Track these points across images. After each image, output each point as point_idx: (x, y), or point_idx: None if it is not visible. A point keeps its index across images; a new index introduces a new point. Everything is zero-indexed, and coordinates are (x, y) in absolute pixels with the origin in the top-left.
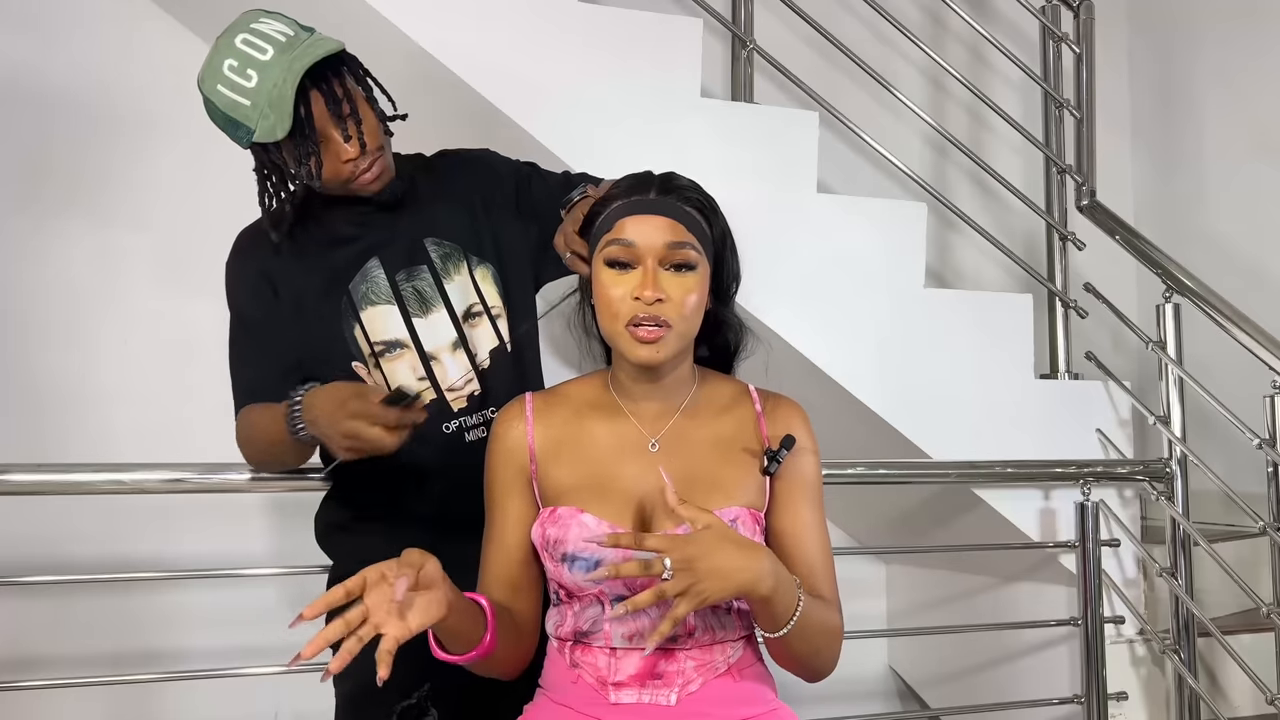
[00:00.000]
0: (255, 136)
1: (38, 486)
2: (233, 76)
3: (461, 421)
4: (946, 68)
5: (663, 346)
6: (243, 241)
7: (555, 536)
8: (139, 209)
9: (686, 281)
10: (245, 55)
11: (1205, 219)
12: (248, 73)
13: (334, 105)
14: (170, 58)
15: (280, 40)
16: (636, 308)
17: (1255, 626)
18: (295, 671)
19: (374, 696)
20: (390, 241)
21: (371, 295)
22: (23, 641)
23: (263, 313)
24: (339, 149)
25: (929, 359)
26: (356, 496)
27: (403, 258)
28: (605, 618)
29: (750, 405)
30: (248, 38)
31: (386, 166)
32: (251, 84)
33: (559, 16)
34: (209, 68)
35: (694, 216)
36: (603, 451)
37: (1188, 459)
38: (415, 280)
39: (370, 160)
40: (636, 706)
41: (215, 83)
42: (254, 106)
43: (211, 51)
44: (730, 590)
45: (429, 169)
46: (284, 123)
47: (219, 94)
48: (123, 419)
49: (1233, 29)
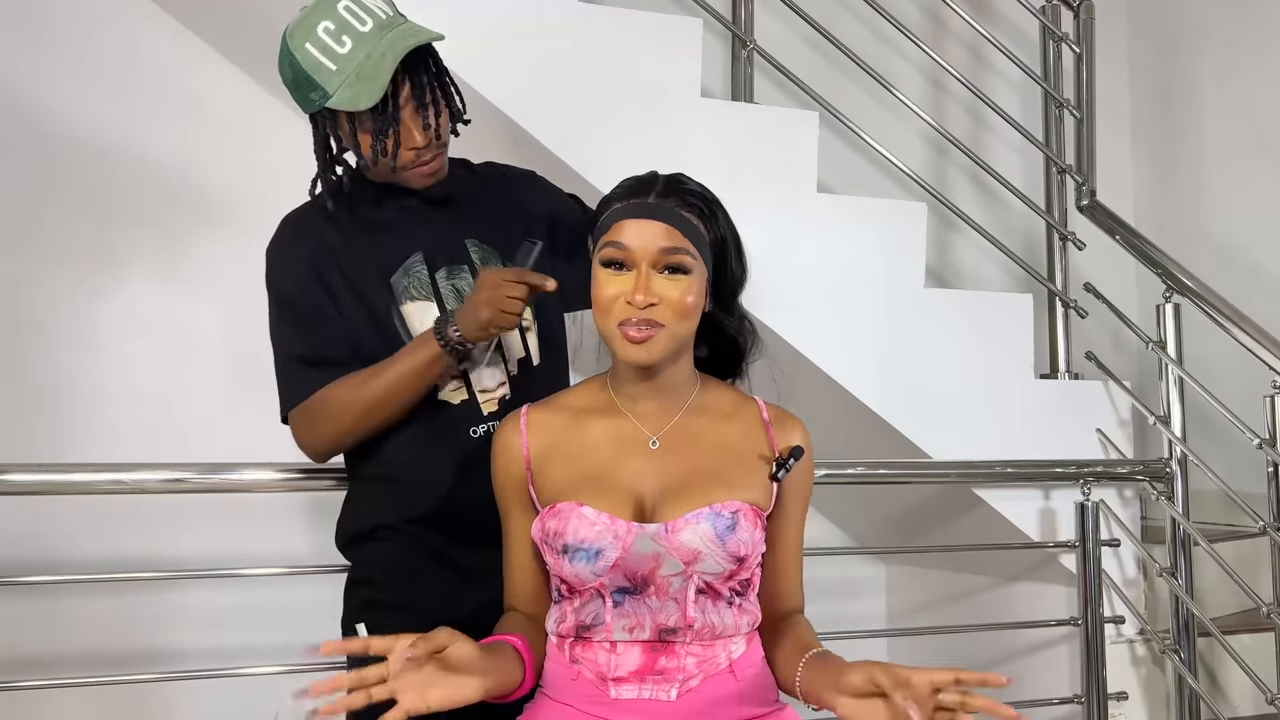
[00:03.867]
0: (331, 102)
1: (38, 486)
2: (325, 38)
3: (490, 426)
4: (946, 68)
5: (653, 346)
6: (292, 225)
7: (555, 529)
8: (139, 208)
9: (680, 284)
10: (344, 21)
11: (1205, 219)
12: (343, 38)
13: (420, 92)
14: (171, 58)
15: (381, 17)
16: (629, 310)
17: (1255, 626)
18: (295, 671)
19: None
20: (434, 238)
21: (412, 290)
22: (22, 641)
23: (315, 305)
24: (409, 135)
25: (929, 359)
26: (380, 502)
27: (445, 255)
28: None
29: (756, 413)
30: (350, 5)
31: (444, 164)
32: (344, 50)
33: (559, 16)
34: (302, 23)
35: (691, 221)
36: (600, 449)
37: (1188, 459)
38: (456, 279)
39: (433, 154)
40: (637, 702)
41: (305, 39)
42: (339, 73)
43: (309, 8)
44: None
45: (474, 174)
46: (373, 95)
47: (305, 51)
48: (123, 419)
49: (1233, 29)
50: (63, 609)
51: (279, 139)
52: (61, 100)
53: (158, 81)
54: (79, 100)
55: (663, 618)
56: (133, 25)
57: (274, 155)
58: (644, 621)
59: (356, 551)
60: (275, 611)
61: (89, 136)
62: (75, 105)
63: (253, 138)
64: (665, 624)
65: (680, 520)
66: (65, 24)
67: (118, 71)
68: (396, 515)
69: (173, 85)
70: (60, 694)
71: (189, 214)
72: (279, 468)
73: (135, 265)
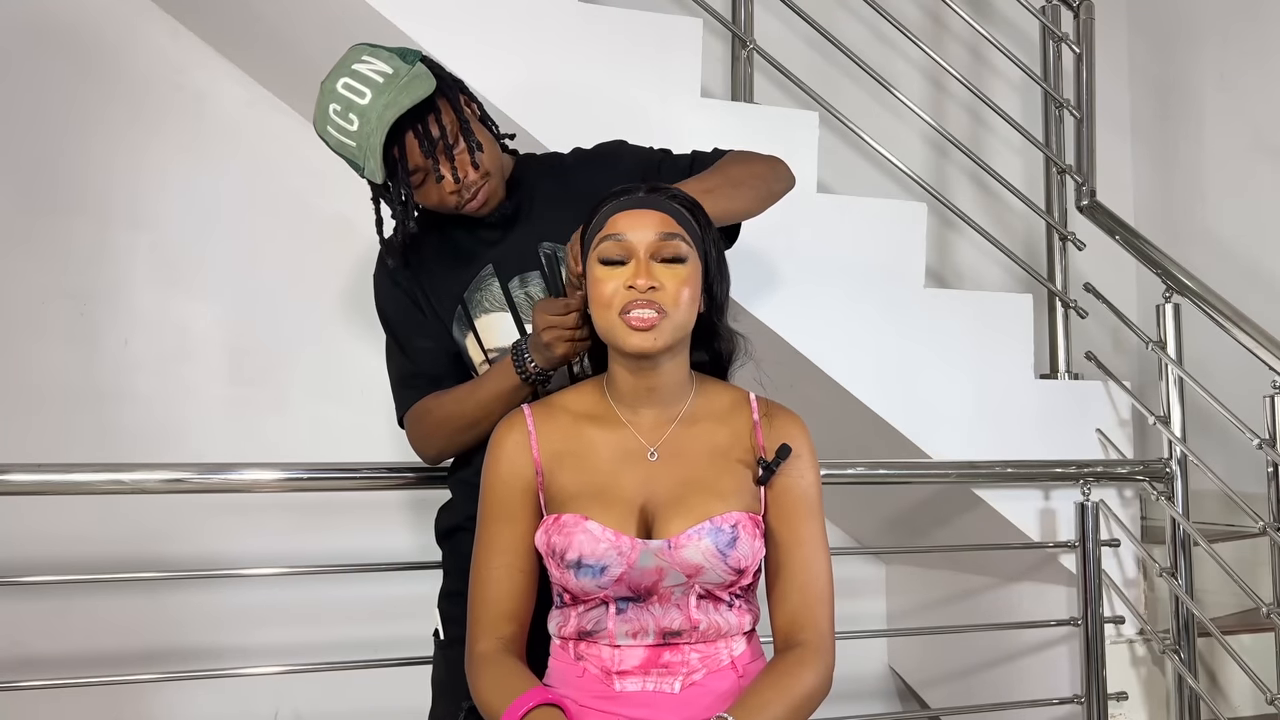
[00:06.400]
0: (364, 175)
1: (38, 486)
2: (338, 120)
3: None
4: (946, 68)
5: (658, 334)
6: (382, 256)
7: (561, 546)
8: (139, 208)
9: (679, 272)
10: (346, 99)
11: (1205, 219)
12: (350, 116)
13: (428, 144)
14: (171, 58)
15: (378, 82)
16: (630, 295)
17: (1255, 626)
18: (295, 671)
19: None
20: (506, 248)
21: (485, 303)
22: (23, 641)
23: (409, 323)
24: (443, 182)
25: (929, 359)
26: (470, 501)
27: (515, 264)
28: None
29: (748, 414)
30: (348, 81)
31: (493, 192)
32: (354, 128)
33: (559, 16)
34: (319, 111)
35: (683, 213)
36: (604, 460)
37: (1188, 459)
38: (528, 286)
39: (475, 189)
40: (641, 694)
41: (325, 126)
42: (359, 149)
43: (319, 94)
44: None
45: (555, 170)
46: (379, 170)
47: (330, 136)
48: (123, 419)
49: (1233, 29)
50: (63, 609)
51: (279, 139)
52: (61, 99)
53: (159, 82)
54: (78, 99)
55: (666, 621)
56: (133, 25)
57: (274, 155)
58: (647, 626)
59: (448, 543)
60: (276, 611)
61: (88, 136)
62: (74, 104)
63: (253, 138)
64: (669, 627)
65: (682, 536)
66: (65, 23)
67: (118, 71)
68: (475, 513)
69: (173, 85)
70: (60, 694)
71: (189, 213)
72: (279, 468)
73: (135, 265)
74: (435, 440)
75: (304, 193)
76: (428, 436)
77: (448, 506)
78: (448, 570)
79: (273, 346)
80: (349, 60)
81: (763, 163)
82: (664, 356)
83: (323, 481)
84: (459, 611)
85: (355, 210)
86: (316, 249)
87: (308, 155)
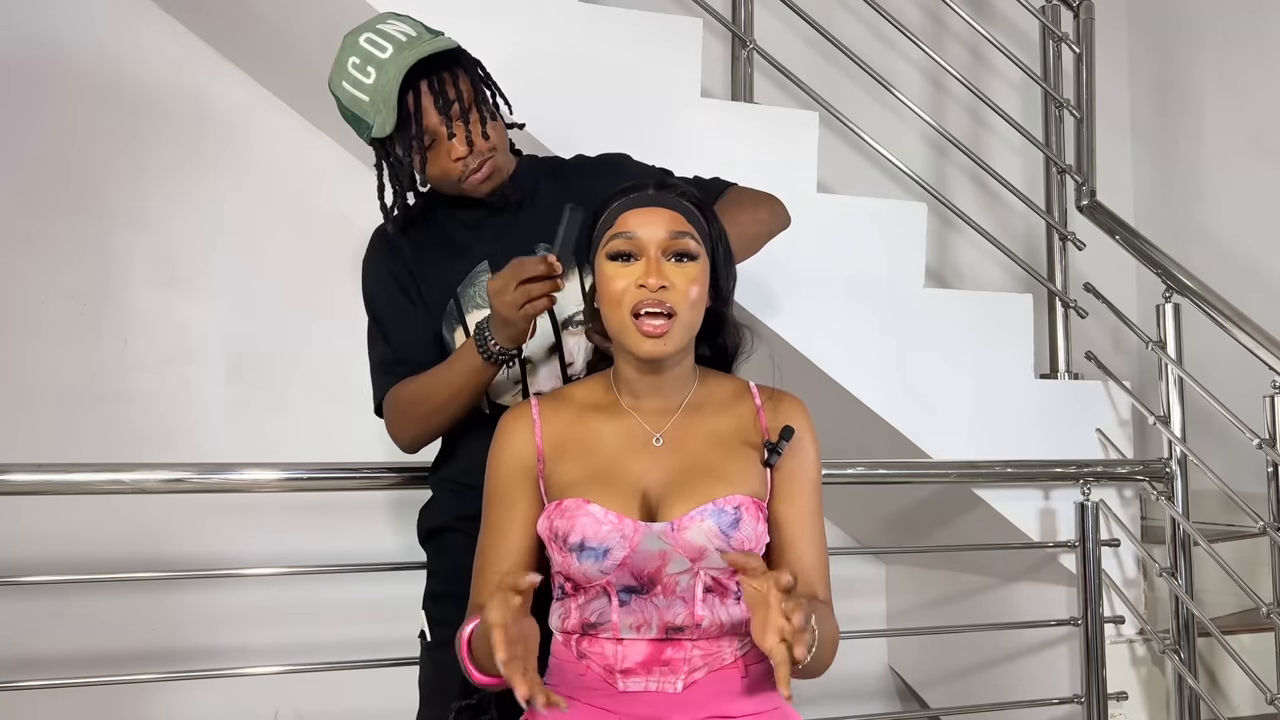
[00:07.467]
0: (373, 132)
1: (38, 486)
2: (355, 73)
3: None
4: (946, 68)
5: (669, 340)
6: (375, 241)
7: (563, 529)
8: (139, 208)
9: (689, 270)
10: (367, 53)
11: (1205, 219)
12: (367, 69)
13: (443, 103)
14: (171, 59)
15: (401, 40)
16: (641, 294)
17: (1255, 626)
18: (295, 671)
19: (438, 691)
20: (502, 245)
21: (478, 299)
22: (21, 641)
23: (396, 310)
24: (449, 147)
25: (929, 359)
26: (450, 502)
27: (509, 260)
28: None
29: (750, 401)
30: (371, 36)
31: (498, 168)
32: (370, 80)
33: (559, 16)
34: (336, 65)
35: (692, 210)
36: (608, 447)
37: (1188, 459)
38: None
39: (480, 160)
40: (644, 694)
41: (340, 79)
42: (371, 103)
43: (339, 49)
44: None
45: (556, 173)
46: (391, 117)
47: (343, 90)
48: (123, 419)
49: (1233, 29)
50: (62, 609)
51: (279, 139)
52: (60, 99)
53: (159, 83)
54: (78, 99)
55: (669, 616)
56: (133, 25)
57: (274, 155)
58: (650, 620)
59: (432, 545)
60: (276, 611)
61: (88, 136)
62: (75, 104)
63: (253, 138)
64: (672, 622)
65: (685, 518)
66: (66, 24)
67: (118, 71)
68: (464, 513)
69: (173, 86)
70: (59, 694)
71: (189, 213)
72: (279, 468)
73: (135, 265)
74: (408, 426)
75: (304, 193)
76: (399, 420)
77: (430, 506)
78: (433, 572)
79: (272, 347)
80: (375, 21)
81: (765, 207)
82: (673, 357)
83: (323, 481)
84: (445, 614)
85: (355, 210)
86: (316, 249)
87: (308, 155)
